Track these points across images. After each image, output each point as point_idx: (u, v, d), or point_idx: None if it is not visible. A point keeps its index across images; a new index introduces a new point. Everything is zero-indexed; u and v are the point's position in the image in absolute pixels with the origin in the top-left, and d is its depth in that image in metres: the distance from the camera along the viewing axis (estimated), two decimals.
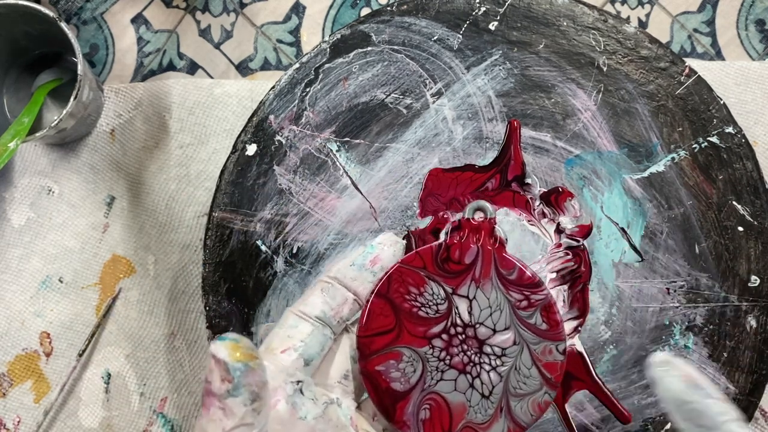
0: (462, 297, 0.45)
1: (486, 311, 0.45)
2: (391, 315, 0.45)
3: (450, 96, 0.66)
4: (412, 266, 0.45)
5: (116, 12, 0.74)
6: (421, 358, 0.45)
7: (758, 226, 0.64)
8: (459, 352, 0.45)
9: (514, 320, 0.45)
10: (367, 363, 0.45)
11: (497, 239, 0.46)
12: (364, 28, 0.67)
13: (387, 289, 0.45)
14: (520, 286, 0.45)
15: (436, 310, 0.45)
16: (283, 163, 0.66)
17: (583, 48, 0.66)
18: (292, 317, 0.43)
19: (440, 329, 0.45)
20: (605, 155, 0.65)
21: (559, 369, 0.45)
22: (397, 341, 0.45)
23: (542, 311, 0.45)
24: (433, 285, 0.45)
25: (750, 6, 0.72)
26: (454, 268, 0.45)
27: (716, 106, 0.64)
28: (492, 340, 0.45)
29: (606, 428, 0.64)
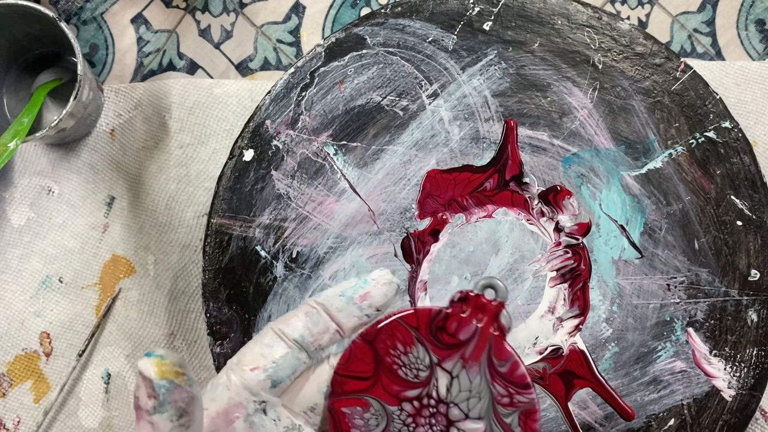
0: (445, 371, 0.43)
1: (464, 394, 0.43)
2: (371, 363, 0.44)
3: (446, 97, 0.67)
4: (406, 322, 0.43)
5: (116, 12, 0.75)
6: (387, 416, 0.44)
7: (757, 220, 0.63)
8: (425, 424, 0.44)
9: (490, 413, 0.43)
10: (336, 401, 0.44)
11: (500, 326, 0.43)
12: (358, 31, 0.67)
13: (374, 337, 0.44)
14: (508, 381, 0.42)
15: (416, 374, 0.43)
16: (280, 167, 0.66)
17: (578, 46, 0.66)
18: (270, 335, 0.43)
19: (414, 395, 0.43)
20: (602, 153, 0.65)
21: None
22: (369, 390, 0.44)
23: (521, 415, 0.42)
24: (421, 349, 0.43)
25: (750, 6, 0.72)
26: (446, 340, 0.43)
27: (712, 101, 0.64)
28: (462, 425, 0.43)
29: (609, 426, 0.63)
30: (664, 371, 0.63)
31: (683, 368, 0.63)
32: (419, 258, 0.66)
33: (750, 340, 0.63)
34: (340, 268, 0.65)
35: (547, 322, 0.65)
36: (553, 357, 0.64)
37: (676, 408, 0.63)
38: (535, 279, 0.66)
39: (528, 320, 0.65)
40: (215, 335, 0.65)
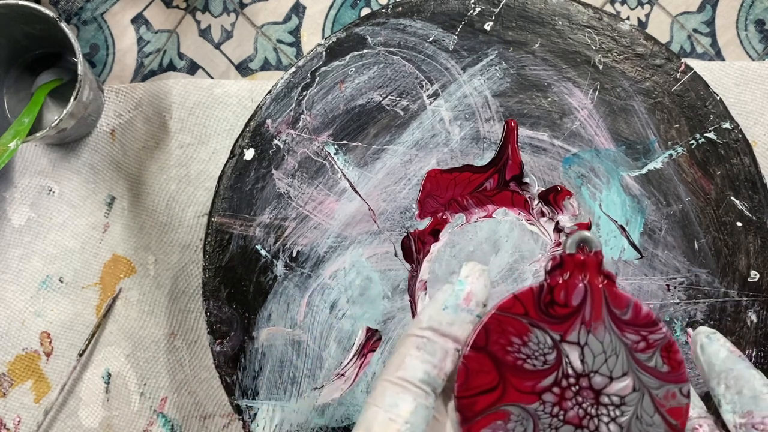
0: (572, 344, 0.40)
1: (600, 357, 0.40)
2: (493, 370, 0.40)
3: (446, 97, 0.66)
4: (511, 313, 0.40)
5: (116, 12, 0.75)
6: (531, 416, 0.40)
7: (757, 221, 0.63)
8: (573, 405, 0.40)
9: (632, 365, 0.40)
10: (471, 426, 0.40)
11: (606, 275, 0.40)
12: (359, 31, 0.67)
13: (485, 342, 0.40)
14: (636, 326, 0.40)
15: (544, 360, 0.40)
16: (281, 167, 0.66)
17: (579, 46, 0.66)
18: (390, 390, 0.38)
19: (551, 382, 0.40)
20: (603, 153, 0.65)
21: (684, 413, 0.40)
22: (502, 399, 0.40)
23: (662, 352, 0.40)
24: (538, 333, 0.40)
25: (750, 6, 0.72)
26: (560, 312, 0.40)
27: (713, 102, 0.64)
28: (609, 389, 0.40)
29: None
30: None
31: None
32: (419, 258, 0.66)
33: (749, 340, 0.63)
34: (340, 268, 0.66)
35: None
36: None
37: None
38: (535, 279, 0.66)
39: None
40: (215, 334, 0.65)
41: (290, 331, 0.65)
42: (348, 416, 0.64)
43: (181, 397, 0.70)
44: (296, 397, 0.64)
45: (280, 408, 0.64)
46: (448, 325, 0.39)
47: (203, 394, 0.70)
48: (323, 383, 0.64)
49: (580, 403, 0.40)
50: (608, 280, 0.40)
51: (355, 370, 0.64)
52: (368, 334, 0.65)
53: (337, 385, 0.64)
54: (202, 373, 0.70)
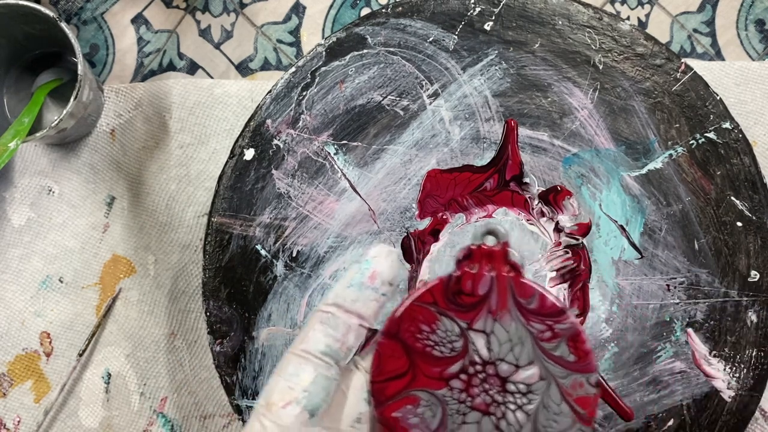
0: (478, 332, 0.41)
1: (506, 346, 0.41)
2: (404, 357, 0.41)
3: (446, 97, 0.66)
4: (422, 302, 0.42)
5: (116, 12, 0.75)
6: (440, 401, 0.41)
7: (757, 221, 0.63)
8: (480, 392, 0.41)
9: (538, 353, 0.41)
10: (383, 410, 0.42)
11: (513, 265, 0.41)
12: (359, 31, 0.67)
13: (397, 329, 0.42)
14: (541, 315, 0.41)
15: (452, 348, 0.41)
16: (281, 167, 0.66)
17: (579, 46, 0.66)
18: (294, 362, 0.40)
19: (458, 369, 0.41)
20: (603, 153, 0.65)
21: (592, 403, 0.41)
22: (412, 384, 0.41)
23: (569, 341, 0.41)
24: (446, 321, 0.41)
25: (750, 6, 0.72)
26: (467, 301, 0.41)
27: (713, 101, 0.64)
28: (515, 377, 0.41)
29: (608, 426, 0.63)
30: (664, 372, 0.63)
31: (683, 369, 0.63)
32: (419, 257, 0.66)
33: (749, 341, 0.63)
34: (340, 268, 0.66)
35: None
36: None
37: (676, 408, 0.63)
38: (534, 279, 0.66)
39: None
40: (215, 334, 0.65)
41: (290, 331, 0.65)
42: None
43: (181, 397, 0.70)
44: None
45: None
46: (352, 302, 0.40)
47: (203, 394, 0.70)
48: None
49: (487, 390, 0.41)
50: (514, 270, 0.41)
51: None
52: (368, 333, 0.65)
53: None
54: (202, 373, 0.70)
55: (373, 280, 0.41)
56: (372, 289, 0.41)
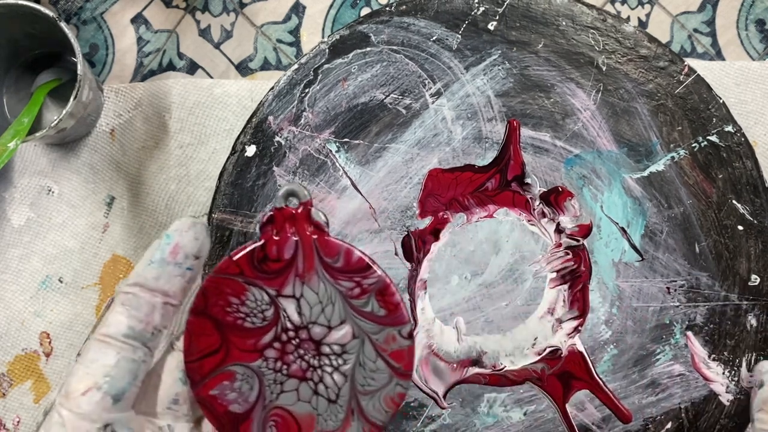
0: (288, 297, 0.40)
1: (317, 308, 0.40)
2: (215, 333, 0.40)
3: (449, 96, 0.66)
4: (228, 274, 0.40)
5: (116, 12, 0.74)
6: (256, 374, 0.40)
7: (758, 225, 0.64)
8: (296, 359, 0.41)
9: (348, 312, 0.40)
10: (200, 389, 0.40)
11: (316, 225, 0.41)
12: (362, 29, 0.67)
13: (204, 305, 0.40)
14: (349, 272, 0.40)
15: (263, 317, 0.40)
16: (282, 164, 0.66)
17: (582, 47, 0.66)
18: (94, 347, 0.38)
19: (271, 338, 0.40)
20: (605, 155, 0.65)
21: (407, 356, 0.41)
22: (226, 360, 0.40)
23: (377, 296, 0.40)
24: (255, 291, 0.40)
25: (750, 6, 0.72)
26: (273, 267, 0.40)
27: (715, 105, 0.64)
28: (329, 339, 0.40)
29: (607, 428, 0.64)
30: (663, 374, 0.64)
31: (682, 372, 0.63)
32: (419, 257, 0.66)
33: (749, 344, 0.63)
34: None
35: (546, 323, 0.65)
36: (552, 358, 0.65)
37: (674, 411, 0.63)
38: (535, 280, 0.66)
39: (527, 321, 0.65)
40: None
41: None
42: None
43: None
44: None
45: None
46: (155, 280, 0.38)
47: None
48: None
49: (302, 355, 0.41)
50: (318, 230, 0.40)
51: None
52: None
53: None
54: None
55: (175, 255, 0.39)
56: (175, 264, 0.39)
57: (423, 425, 0.64)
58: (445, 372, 0.65)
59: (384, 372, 0.40)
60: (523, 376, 0.64)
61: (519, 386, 0.64)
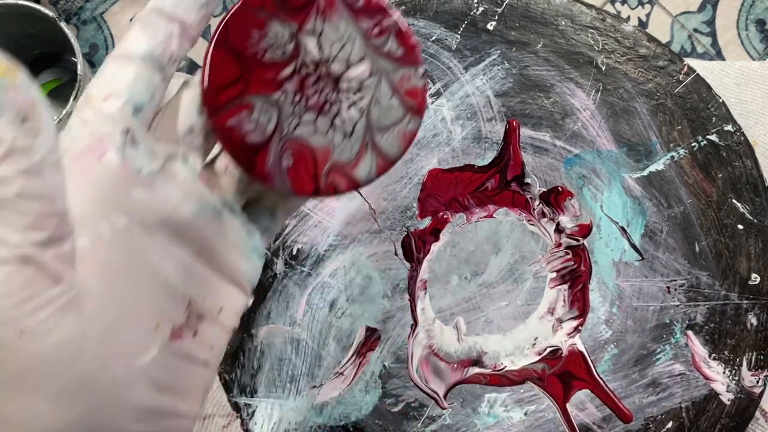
0: (308, 33, 0.41)
1: (337, 45, 0.41)
2: (235, 64, 0.40)
3: (448, 96, 0.66)
4: (249, 7, 0.40)
5: (116, 12, 0.74)
6: (274, 105, 0.41)
7: (758, 224, 0.64)
8: (314, 93, 0.41)
9: (368, 50, 0.41)
10: (217, 119, 0.40)
11: None
12: None
13: (226, 37, 0.40)
14: (368, 12, 0.41)
15: (283, 52, 0.41)
16: None
17: (582, 47, 0.66)
18: (112, 64, 0.36)
19: (290, 71, 0.41)
20: (604, 154, 0.65)
21: (420, 94, 0.41)
22: (246, 91, 0.40)
23: (396, 36, 0.41)
24: (276, 24, 0.40)
25: (750, 6, 0.72)
26: (295, 3, 0.41)
27: (715, 104, 0.64)
28: (347, 75, 0.41)
29: (607, 427, 0.63)
30: (663, 374, 0.63)
31: (682, 371, 0.63)
32: (419, 257, 0.66)
33: (749, 344, 0.63)
34: (340, 266, 0.65)
35: (546, 323, 0.65)
36: (552, 358, 0.64)
37: (675, 411, 0.63)
38: (535, 280, 0.66)
39: (527, 321, 0.65)
40: None
41: (289, 329, 0.65)
42: (346, 415, 0.64)
43: None
44: (295, 396, 0.64)
45: (279, 406, 0.64)
46: (173, 6, 0.38)
47: None
48: (322, 382, 0.64)
49: (320, 90, 0.41)
50: None
51: (354, 368, 0.65)
52: (367, 332, 0.65)
53: (336, 383, 0.64)
54: None
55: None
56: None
57: (424, 425, 0.64)
58: (445, 372, 0.65)
59: (398, 109, 0.41)
60: (524, 376, 0.64)
61: (519, 386, 0.64)
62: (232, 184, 0.41)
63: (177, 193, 0.38)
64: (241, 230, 0.41)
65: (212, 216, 0.40)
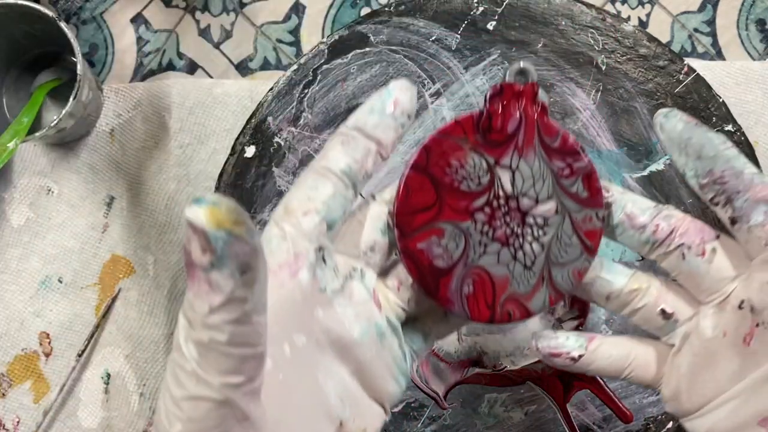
0: (505, 168, 0.43)
1: (529, 181, 0.43)
2: (431, 190, 0.42)
3: (448, 96, 0.66)
4: (452, 136, 0.43)
5: (116, 12, 0.74)
6: (463, 233, 0.43)
7: None
8: (502, 225, 0.43)
9: (556, 189, 0.43)
10: (409, 241, 0.42)
11: (540, 105, 0.43)
12: (362, 29, 0.67)
13: (426, 162, 0.42)
14: (563, 153, 0.43)
15: (479, 182, 0.43)
16: (282, 164, 0.66)
17: (582, 47, 0.66)
18: (312, 176, 0.39)
19: (483, 202, 0.43)
20: (605, 154, 0.65)
21: (597, 236, 0.43)
22: (438, 217, 0.42)
23: (584, 179, 0.43)
24: (475, 156, 0.42)
25: (750, 6, 0.72)
26: (496, 138, 0.42)
27: (715, 104, 0.64)
28: (535, 211, 0.43)
29: (607, 428, 0.63)
30: None
31: None
32: None
33: None
34: None
35: (546, 323, 0.65)
36: None
37: None
38: None
39: (528, 321, 0.65)
40: None
41: None
42: None
43: None
44: None
45: None
46: (373, 127, 0.40)
47: None
48: None
49: (508, 222, 0.43)
50: (541, 109, 0.43)
51: None
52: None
53: None
54: None
55: (394, 109, 0.41)
56: (392, 117, 0.41)
57: (424, 426, 0.64)
58: (445, 372, 0.65)
59: (576, 247, 0.43)
60: (524, 376, 0.64)
61: (519, 386, 0.64)
62: (400, 305, 0.43)
63: (351, 313, 0.40)
64: (397, 351, 0.43)
65: (376, 336, 0.42)
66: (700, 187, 0.42)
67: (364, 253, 0.42)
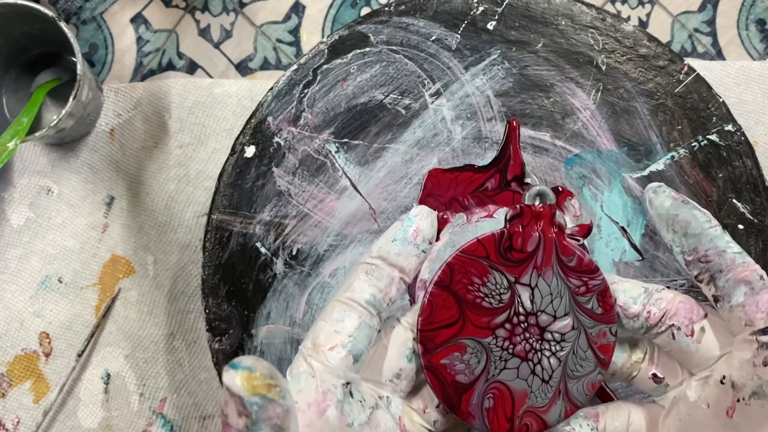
0: (524, 285, 0.45)
1: (547, 299, 0.45)
2: (455, 306, 0.44)
3: (448, 96, 0.66)
4: (474, 255, 0.45)
5: (116, 11, 0.74)
6: (485, 349, 0.45)
7: (758, 224, 0.63)
8: (521, 341, 0.45)
9: (573, 306, 0.45)
10: (432, 357, 0.44)
11: (558, 226, 0.46)
12: (362, 29, 0.67)
13: (449, 280, 0.45)
14: (579, 272, 0.45)
15: (500, 299, 0.45)
16: (282, 164, 0.66)
17: (582, 47, 0.66)
18: (339, 308, 0.41)
19: (504, 319, 0.45)
20: (605, 154, 0.65)
21: (610, 350, 0.45)
22: (461, 333, 0.44)
23: (598, 296, 0.45)
24: (497, 274, 0.45)
25: (750, 6, 0.72)
26: (516, 257, 0.45)
27: (715, 104, 0.64)
28: (552, 327, 0.45)
29: None
30: None
31: None
32: None
33: None
34: (340, 266, 0.65)
35: None
36: None
37: None
38: None
39: None
40: (214, 331, 0.65)
41: (289, 330, 0.65)
42: None
43: (181, 397, 0.70)
44: None
45: None
46: (396, 256, 0.43)
47: (203, 394, 0.70)
48: None
49: (527, 338, 0.45)
50: (559, 230, 0.46)
51: None
52: None
53: None
54: (201, 373, 0.70)
55: (416, 237, 0.44)
56: (414, 245, 0.44)
57: None
58: None
59: (591, 361, 0.45)
60: None
61: None
62: (426, 427, 0.45)
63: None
64: None
65: None
66: (686, 263, 0.45)
67: (390, 380, 0.44)
